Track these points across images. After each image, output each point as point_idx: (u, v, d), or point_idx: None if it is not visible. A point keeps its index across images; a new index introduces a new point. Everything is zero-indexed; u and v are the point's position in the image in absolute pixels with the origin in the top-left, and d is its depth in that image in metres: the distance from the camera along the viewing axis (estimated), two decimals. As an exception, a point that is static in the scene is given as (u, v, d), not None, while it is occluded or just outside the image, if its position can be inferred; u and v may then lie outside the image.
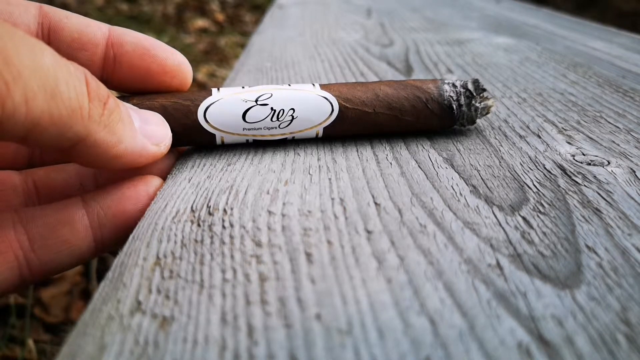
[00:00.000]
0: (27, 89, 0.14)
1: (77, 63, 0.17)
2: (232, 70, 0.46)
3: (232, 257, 0.17)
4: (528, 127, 0.29)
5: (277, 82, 0.40)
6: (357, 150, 0.25)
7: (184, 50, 0.25)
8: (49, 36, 0.21)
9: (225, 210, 0.20)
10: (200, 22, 2.23)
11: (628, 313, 0.14)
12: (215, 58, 1.77)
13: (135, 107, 0.22)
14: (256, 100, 0.24)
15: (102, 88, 0.18)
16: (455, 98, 0.26)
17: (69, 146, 0.17)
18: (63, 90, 0.15)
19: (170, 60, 0.23)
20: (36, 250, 0.20)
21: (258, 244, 0.17)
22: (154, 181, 0.23)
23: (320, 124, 0.25)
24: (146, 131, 0.21)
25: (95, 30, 0.22)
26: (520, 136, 0.27)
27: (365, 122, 0.25)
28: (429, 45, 0.52)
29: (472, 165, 0.24)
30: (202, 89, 0.25)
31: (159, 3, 2.41)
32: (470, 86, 0.26)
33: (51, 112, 0.15)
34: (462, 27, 0.64)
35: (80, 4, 2.05)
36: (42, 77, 0.15)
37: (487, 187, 0.21)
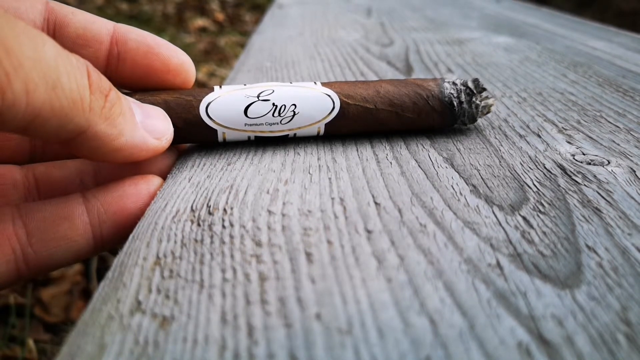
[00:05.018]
0: (28, 80, 0.14)
1: None
2: (232, 70, 0.46)
3: (232, 256, 0.17)
4: (528, 126, 0.29)
5: (277, 81, 0.40)
6: (357, 150, 0.25)
7: (184, 49, 0.26)
8: (54, 32, 0.22)
9: (225, 210, 0.20)
10: (200, 22, 2.22)
11: (628, 313, 0.14)
12: (215, 58, 1.77)
13: (137, 101, 0.22)
14: (258, 96, 0.24)
15: (104, 80, 0.18)
16: (455, 95, 0.26)
17: (70, 138, 0.17)
18: (64, 81, 0.15)
19: (174, 58, 0.23)
20: (34, 244, 0.20)
21: (258, 244, 0.17)
22: (155, 180, 0.23)
23: (321, 120, 0.25)
24: (148, 125, 0.21)
25: (100, 27, 0.22)
26: (520, 136, 0.27)
27: (366, 119, 0.26)
28: (429, 45, 0.52)
29: (472, 164, 0.24)
30: (202, 88, 0.25)
31: (159, 2, 2.41)
32: (470, 84, 0.27)
33: (52, 103, 0.15)
34: (462, 26, 0.64)
35: (80, 3, 2.05)
36: (44, 68, 0.15)
37: (487, 186, 0.21)
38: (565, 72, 0.41)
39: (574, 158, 0.24)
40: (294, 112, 0.24)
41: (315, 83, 0.25)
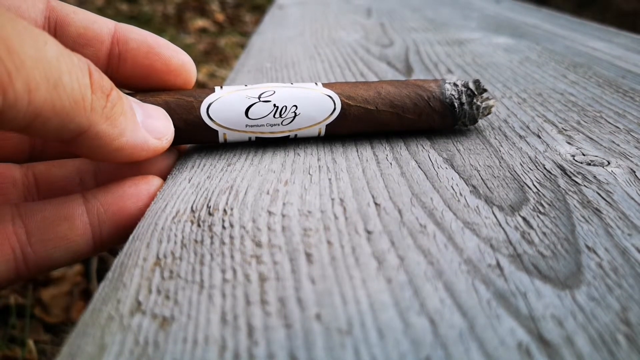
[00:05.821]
0: (29, 79, 0.14)
1: None
2: (232, 71, 0.46)
3: (232, 257, 0.17)
4: (528, 127, 0.29)
5: (278, 82, 0.40)
6: (357, 151, 0.25)
7: (184, 50, 0.26)
8: (55, 31, 0.22)
9: (225, 211, 0.20)
10: (200, 22, 2.22)
11: (628, 313, 0.14)
12: (216, 58, 1.77)
13: (138, 101, 0.22)
14: (259, 97, 0.24)
15: (106, 80, 0.18)
16: (456, 96, 0.26)
17: (71, 137, 0.17)
18: (66, 80, 0.15)
19: (175, 59, 0.23)
20: (33, 244, 0.20)
21: (258, 244, 0.17)
22: (155, 181, 0.23)
23: (322, 121, 0.25)
24: (148, 125, 0.21)
25: (101, 27, 0.22)
26: (520, 136, 0.27)
27: (367, 120, 0.26)
28: (429, 46, 0.52)
29: (472, 165, 0.24)
30: (203, 89, 0.25)
31: (159, 3, 2.41)
32: (471, 85, 0.27)
33: (53, 102, 0.15)
34: (462, 27, 0.64)
35: (80, 4, 2.05)
36: (45, 67, 0.15)
37: (487, 187, 0.21)
38: (565, 72, 0.41)
39: (574, 159, 0.24)
40: (295, 113, 0.24)
41: (316, 84, 0.25)
